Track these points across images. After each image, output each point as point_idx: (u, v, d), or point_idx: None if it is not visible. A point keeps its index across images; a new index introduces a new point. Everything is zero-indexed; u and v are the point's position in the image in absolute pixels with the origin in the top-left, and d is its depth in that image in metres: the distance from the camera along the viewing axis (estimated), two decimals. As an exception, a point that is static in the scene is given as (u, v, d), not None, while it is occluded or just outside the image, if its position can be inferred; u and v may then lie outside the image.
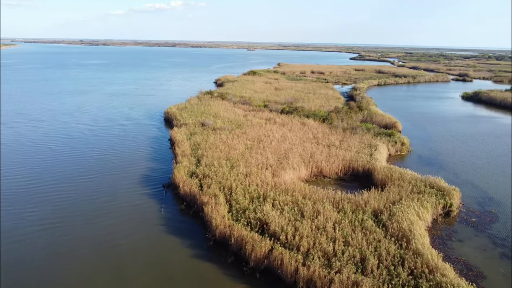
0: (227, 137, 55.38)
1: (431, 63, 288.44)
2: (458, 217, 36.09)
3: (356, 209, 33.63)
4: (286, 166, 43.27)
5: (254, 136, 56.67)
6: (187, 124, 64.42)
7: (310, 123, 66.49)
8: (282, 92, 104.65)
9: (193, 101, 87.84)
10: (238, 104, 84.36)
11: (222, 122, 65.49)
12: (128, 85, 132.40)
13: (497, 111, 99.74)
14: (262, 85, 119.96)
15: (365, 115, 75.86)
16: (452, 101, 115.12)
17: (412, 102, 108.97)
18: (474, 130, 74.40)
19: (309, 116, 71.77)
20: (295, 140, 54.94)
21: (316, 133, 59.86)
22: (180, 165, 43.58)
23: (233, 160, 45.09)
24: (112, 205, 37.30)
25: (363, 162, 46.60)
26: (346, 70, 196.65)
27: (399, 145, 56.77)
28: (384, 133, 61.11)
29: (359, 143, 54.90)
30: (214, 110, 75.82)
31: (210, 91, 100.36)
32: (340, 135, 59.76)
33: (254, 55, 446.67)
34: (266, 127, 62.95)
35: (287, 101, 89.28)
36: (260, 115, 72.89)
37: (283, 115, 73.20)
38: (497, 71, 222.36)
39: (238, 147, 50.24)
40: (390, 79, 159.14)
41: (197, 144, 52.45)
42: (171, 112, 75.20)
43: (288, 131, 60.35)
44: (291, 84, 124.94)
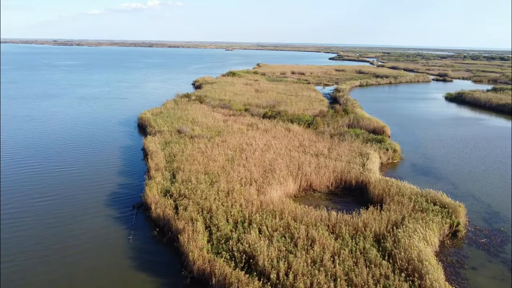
0: (206, 147, 50.51)
1: (410, 63, 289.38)
2: (466, 238, 32.25)
3: (356, 234, 29.36)
4: (272, 181, 38.75)
5: (235, 144, 51.97)
6: (162, 131, 59.17)
7: (295, 129, 62.20)
8: (263, 95, 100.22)
9: (169, 105, 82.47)
10: (218, 108, 79.46)
11: (200, 129, 60.54)
12: (100, 88, 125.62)
13: (482, 112, 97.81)
14: (242, 87, 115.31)
15: (351, 119, 72.10)
16: (436, 102, 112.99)
17: (396, 104, 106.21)
18: (463, 133, 71.61)
19: (293, 120, 67.50)
20: (280, 149, 50.48)
21: (302, 140, 55.58)
22: (152, 181, 38.50)
23: (213, 174, 40.29)
24: (72, 235, 31.95)
25: (356, 173, 42.49)
26: (326, 71, 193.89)
27: (391, 153, 53.03)
28: (374, 139, 57.32)
29: (349, 151, 50.86)
30: (191, 115, 70.73)
31: (187, 94, 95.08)
32: (327, 142, 55.65)
33: (232, 55, 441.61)
34: (248, 134, 58.34)
35: (269, 104, 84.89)
36: (241, 120, 68.21)
37: (266, 120, 68.73)
38: (474, 70, 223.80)
39: (218, 158, 45.44)
40: (372, 79, 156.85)
41: (172, 155, 47.37)
42: (145, 117, 69.71)
43: (272, 138, 55.88)
44: (272, 86, 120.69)
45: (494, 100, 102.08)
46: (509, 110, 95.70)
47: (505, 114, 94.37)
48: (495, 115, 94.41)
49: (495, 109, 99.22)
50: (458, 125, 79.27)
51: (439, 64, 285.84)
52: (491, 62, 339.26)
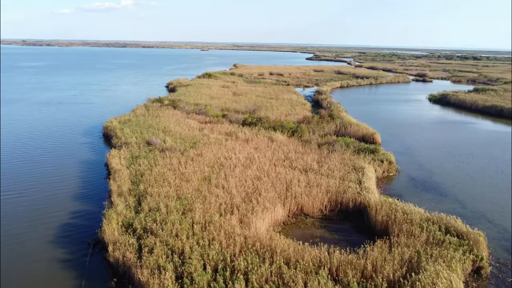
0: (178, 162, 43.96)
1: (387, 63, 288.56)
2: (492, 277, 26.94)
3: (365, 281, 23.57)
4: (257, 207, 32.63)
5: (212, 159, 45.61)
6: (129, 143, 52.20)
7: (279, 138, 56.28)
8: (242, 98, 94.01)
9: (140, 111, 75.27)
10: (192, 114, 72.78)
11: (173, 140, 53.87)
12: (66, 91, 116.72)
13: (468, 114, 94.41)
14: (219, 90, 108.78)
15: (338, 125, 66.75)
16: (420, 104, 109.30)
17: (380, 106, 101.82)
18: (455, 138, 67.33)
19: (276, 128, 61.58)
20: (264, 163, 44.41)
21: (288, 152, 49.69)
22: (112, 211, 31.76)
23: (186, 199, 33.87)
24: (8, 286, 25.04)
25: (353, 194, 36.83)
26: (305, 71, 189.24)
27: (386, 165, 47.71)
28: (366, 149, 51.96)
29: (340, 165, 45.26)
30: (163, 123, 63.90)
31: (159, 98, 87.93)
32: (316, 153, 49.93)
33: (208, 56, 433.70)
34: (227, 145, 52.05)
35: (249, 109, 78.77)
36: (218, 129, 61.84)
37: (246, 128, 62.58)
38: (452, 70, 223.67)
39: (192, 178, 39.00)
40: (352, 80, 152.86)
41: (139, 174, 40.64)
42: (111, 126, 62.44)
43: (254, 150, 49.76)
44: (250, 88, 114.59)
45: (480, 102, 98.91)
46: (496, 112, 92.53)
47: (491, 116, 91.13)
48: (481, 117, 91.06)
49: (481, 111, 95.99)
50: (448, 130, 75.10)
51: (415, 64, 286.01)
52: (465, 62, 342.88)
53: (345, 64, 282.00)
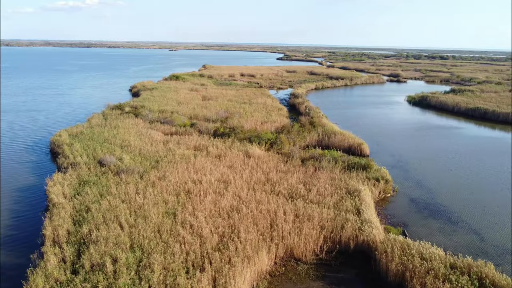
0: (136, 190, 35.78)
1: (358, 63, 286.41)
2: None
3: None
4: (236, 258, 25.01)
5: (178, 183, 37.64)
6: (77, 164, 43.43)
7: (256, 153, 48.79)
8: (212, 103, 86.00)
9: (96, 121, 66.10)
10: (156, 124, 64.26)
11: (131, 158, 45.47)
12: (16, 97, 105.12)
13: (450, 117, 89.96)
14: (187, 94, 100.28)
15: (320, 134, 59.94)
16: (400, 106, 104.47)
17: (360, 110, 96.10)
18: (446, 147, 61.92)
19: (252, 140, 54.10)
20: (241, 188, 36.83)
21: (268, 171, 42.29)
22: (39, 272, 23.38)
23: (141, 248, 25.86)
24: None
25: (353, 229, 29.80)
26: (277, 72, 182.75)
27: (382, 184, 41.08)
28: (357, 164, 45.21)
29: (331, 187, 38.25)
30: (122, 136, 55.23)
31: (120, 105, 78.76)
32: (300, 171, 42.78)
33: (176, 56, 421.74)
34: (196, 163, 44.11)
35: (220, 116, 70.93)
36: (186, 141, 53.74)
37: (218, 140, 54.82)
38: (423, 70, 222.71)
39: (152, 213, 30.95)
40: (327, 81, 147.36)
41: (84, 209, 32.21)
42: (59, 141, 53.22)
43: (229, 170, 42.09)
44: (221, 91, 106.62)
45: (462, 104, 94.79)
46: (479, 115, 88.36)
47: (475, 119, 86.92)
48: (464, 120, 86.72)
49: (464, 114, 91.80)
50: (436, 136, 69.73)
51: (386, 63, 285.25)
52: (433, 61, 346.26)
53: (317, 64, 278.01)
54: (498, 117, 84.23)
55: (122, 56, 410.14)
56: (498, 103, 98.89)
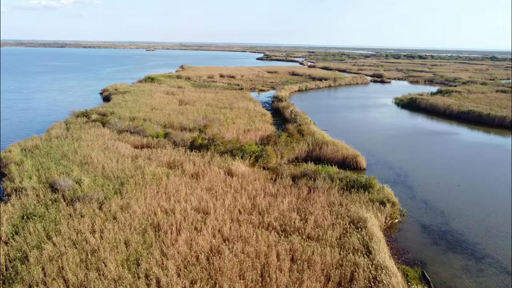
0: (91, 227, 28.70)
1: (339, 63, 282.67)
2: None
3: None
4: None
5: (145, 214, 30.73)
6: (24, 189, 35.92)
7: (239, 170, 42.16)
8: (189, 108, 78.89)
9: (56, 131, 58.29)
10: (126, 134, 56.85)
11: (91, 179, 38.22)
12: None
13: (442, 121, 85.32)
14: (162, 98, 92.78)
15: (310, 144, 53.74)
16: (388, 109, 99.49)
17: (348, 114, 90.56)
18: (447, 157, 56.78)
19: (234, 153, 47.46)
20: (222, 221, 30.17)
21: (255, 194, 35.74)
22: None
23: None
24: None
25: (366, 280, 23.53)
26: (258, 73, 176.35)
27: (388, 209, 35.06)
28: (357, 183, 39.10)
29: (331, 215, 31.98)
30: (84, 150, 47.76)
31: (86, 112, 70.87)
32: (292, 193, 36.39)
33: (154, 56, 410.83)
34: (169, 184, 37.20)
35: (198, 123, 63.99)
36: (158, 156, 46.66)
37: (195, 153, 47.99)
38: (405, 70, 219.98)
39: (108, 261, 23.99)
40: (310, 83, 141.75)
41: (21, 258, 25.00)
42: (7, 158, 45.36)
43: (207, 194, 35.37)
44: (199, 95, 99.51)
45: (454, 107, 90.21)
46: (473, 118, 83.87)
47: (468, 123, 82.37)
48: (457, 124, 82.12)
49: (457, 117, 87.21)
50: (433, 144, 64.56)
51: (367, 63, 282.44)
52: (412, 61, 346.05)
53: (298, 65, 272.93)
54: (493, 121, 79.78)
55: (98, 56, 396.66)
56: (489, 105, 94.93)
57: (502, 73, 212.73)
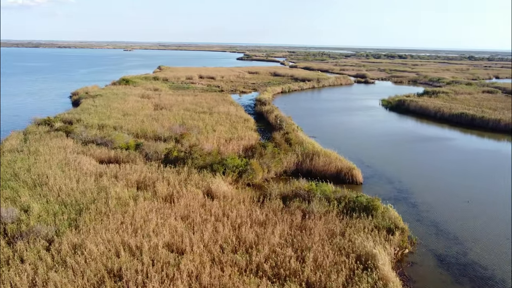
0: (32, 279, 22.44)
1: (321, 63, 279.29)
2: None
3: None
4: None
5: (104, 257, 24.61)
6: (-44, 222, 29.22)
7: (221, 190, 36.32)
8: (165, 114, 72.51)
9: (12, 143, 51.24)
10: (91, 146, 50.22)
11: (43, 206, 31.74)
12: None
13: (434, 124, 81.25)
14: (136, 101, 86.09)
15: (300, 155, 48.26)
16: (377, 112, 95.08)
17: (335, 117, 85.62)
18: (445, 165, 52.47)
19: (215, 168, 41.57)
20: (200, 264, 24.31)
21: (240, 223, 29.98)
22: None
23: None
24: None
25: None
26: (239, 74, 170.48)
27: (397, 238, 29.79)
28: (356, 204, 33.76)
29: (332, 250, 26.50)
30: (39, 168, 41.05)
31: (49, 120, 63.73)
32: (284, 221, 30.78)
33: (131, 56, 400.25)
34: (137, 211, 31.08)
35: (174, 131, 57.81)
36: (127, 173, 40.39)
37: (170, 168, 41.92)
38: (388, 70, 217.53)
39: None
40: (294, 84, 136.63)
41: None
42: None
43: (182, 223, 29.44)
44: (176, 98, 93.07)
45: (445, 109, 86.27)
46: (466, 121, 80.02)
47: (461, 126, 78.42)
48: (450, 128, 78.11)
49: (448, 120, 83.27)
50: (429, 151, 60.09)
51: (349, 63, 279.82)
52: (393, 61, 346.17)
53: (279, 65, 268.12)
54: (487, 124, 76.03)
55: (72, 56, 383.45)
56: (478, 107, 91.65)
57: (484, 73, 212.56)
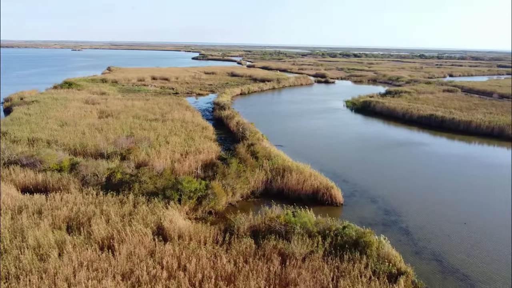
0: None
1: (279, 62, 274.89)
2: None
3: None
4: None
5: None
6: None
7: (176, 226, 28.76)
8: (111, 123, 63.49)
9: None
10: (15, 168, 40.84)
11: None
12: None
13: (403, 127, 77.25)
14: (79, 108, 76.13)
15: (269, 172, 41.42)
16: (342, 114, 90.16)
17: (301, 122, 79.62)
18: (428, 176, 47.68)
19: (168, 194, 33.89)
20: None
21: (201, 279, 22.63)
22: None
23: None
24: None
25: None
26: (195, 75, 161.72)
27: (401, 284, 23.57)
28: (345, 239, 27.37)
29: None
30: None
31: (-34, 134, 53.15)
32: (259, 270, 23.78)
33: (80, 56, 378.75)
34: (61, 269, 22.97)
35: (120, 145, 49.28)
36: (55, 207, 31.83)
37: (112, 197, 33.78)
38: (346, 69, 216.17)
39: None
40: (253, 85, 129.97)
41: None
42: None
43: (124, 285, 21.69)
44: (126, 103, 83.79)
45: (414, 111, 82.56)
46: (436, 123, 76.53)
47: (430, 129, 74.85)
48: (419, 130, 74.33)
49: (417, 122, 79.58)
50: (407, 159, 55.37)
51: (307, 62, 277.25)
52: (349, 59, 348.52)
53: (236, 64, 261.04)
54: (458, 126, 72.73)
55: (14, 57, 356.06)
56: (443, 107, 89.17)
57: (438, 71, 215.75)
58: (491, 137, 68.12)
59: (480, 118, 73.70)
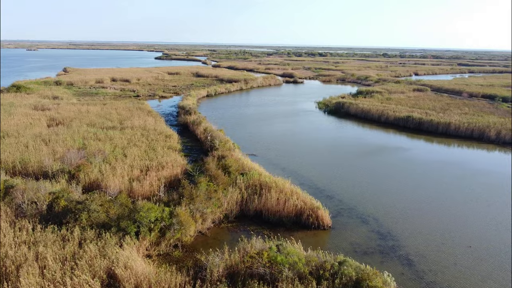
0: None
1: (245, 62, 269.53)
2: None
3: None
4: None
5: None
6: None
7: (132, 272, 22.65)
8: (62, 132, 55.95)
9: None
10: None
11: None
12: None
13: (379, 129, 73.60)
14: (25, 115, 67.73)
15: (243, 191, 35.77)
16: (315, 117, 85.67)
17: (272, 127, 74.33)
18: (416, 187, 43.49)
19: (123, 226, 27.64)
20: None
21: None
22: None
23: None
24: None
25: None
26: (158, 75, 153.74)
27: None
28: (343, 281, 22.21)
29: None
30: None
31: None
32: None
33: (34, 57, 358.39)
34: None
35: (68, 160, 42.20)
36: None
37: (51, 234, 27.14)
38: (313, 68, 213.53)
39: None
40: (220, 86, 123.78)
41: None
42: None
43: None
44: (80, 108, 75.90)
45: (389, 112, 79.13)
46: (414, 125, 73.33)
47: (408, 131, 71.60)
48: (396, 133, 70.98)
49: (394, 124, 76.16)
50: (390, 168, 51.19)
51: (273, 61, 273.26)
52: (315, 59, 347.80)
53: (201, 64, 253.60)
54: (436, 129, 69.71)
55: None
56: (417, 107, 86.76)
57: (403, 70, 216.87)
58: (471, 140, 65.40)
59: (459, 120, 71.02)
